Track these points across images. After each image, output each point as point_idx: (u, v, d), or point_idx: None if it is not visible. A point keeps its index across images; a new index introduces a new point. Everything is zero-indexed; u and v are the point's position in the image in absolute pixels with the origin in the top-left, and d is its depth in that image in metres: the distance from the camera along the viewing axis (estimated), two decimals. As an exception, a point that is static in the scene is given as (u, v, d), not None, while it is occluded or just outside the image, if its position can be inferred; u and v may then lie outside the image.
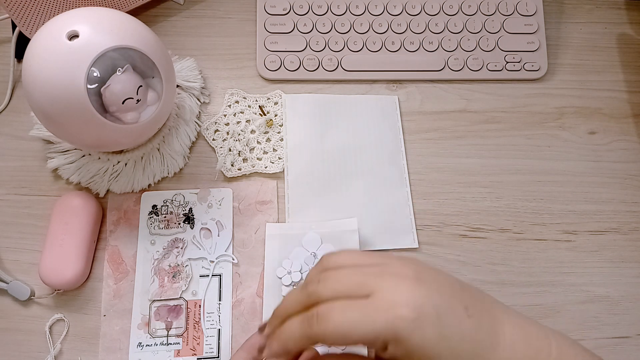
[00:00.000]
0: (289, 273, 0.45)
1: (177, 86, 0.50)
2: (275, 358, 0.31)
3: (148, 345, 0.44)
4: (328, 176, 0.50)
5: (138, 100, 0.41)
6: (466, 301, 0.30)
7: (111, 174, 0.47)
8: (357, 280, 0.30)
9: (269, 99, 0.53)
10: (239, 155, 0.50)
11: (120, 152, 0.47)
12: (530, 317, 0.45)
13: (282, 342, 0.30)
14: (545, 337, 0.30)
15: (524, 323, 0.32)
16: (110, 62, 0.39)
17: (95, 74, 0.38)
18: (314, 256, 0.46)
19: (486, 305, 0.31)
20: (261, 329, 0.37)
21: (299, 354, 0.33)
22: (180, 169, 0.50)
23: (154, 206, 0.48)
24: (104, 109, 0.40)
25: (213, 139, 0.51)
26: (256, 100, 0.53)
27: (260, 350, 0.32)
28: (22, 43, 0.52)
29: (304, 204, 0.49)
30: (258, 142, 0.51)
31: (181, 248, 0.46)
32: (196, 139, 0.51)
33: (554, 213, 0.50)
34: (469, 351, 0.28)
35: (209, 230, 0.47)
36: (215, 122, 0.52)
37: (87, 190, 0.48)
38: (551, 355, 0.30)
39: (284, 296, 0.45)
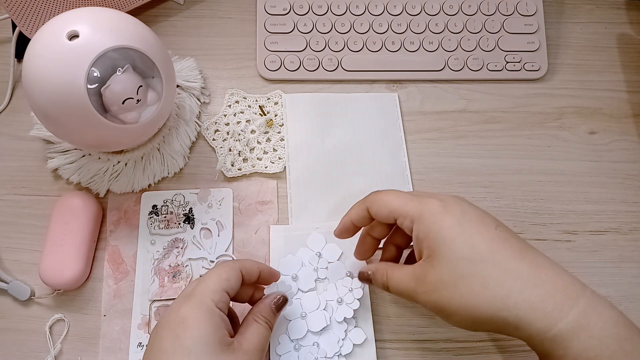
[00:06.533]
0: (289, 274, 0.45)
1: (177, 86, 0.50)
2: (342, 229, 0.41)
3: (148, 345, 0.44)
4: (329, 175, 0.50)
5: (138, 100, 0.41)
6: (502, 226, 0.35)
7: (111, 174, 0.47)
8: (407, 193, 0.38)
9: (269, 99, 0.53)
10: (239, 155, 0.50)
11: (120, 152, 0.47)
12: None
13: (347, 215, 0.40)
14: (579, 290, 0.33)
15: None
16: (110, 62, 0.39)
17: (95, 74, 0.38)
18: (319, 256, 0.45)
19: (527, 246, 0.34)
20: None
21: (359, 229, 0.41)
22: (180, 169, 0.50)
23: (154, 206, 0.48)
24: (104, 109, 0.40)
25: (213, 139, 0.51)
26: (256, 100, 0.53)
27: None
28: (22, 43, 0.52)
29: (306, 203, 0.49)
30: (258, 142, 0.51)
31: (181, 248, 0.46)
32: (196, 139, 0.51)
33: (554, 213, 0.50)
34: (485, 251, 0.33)
35: (209, 230, 0.47)
36: (215, 122, 0.52)
37: (87, 190, 0.48)
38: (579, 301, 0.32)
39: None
